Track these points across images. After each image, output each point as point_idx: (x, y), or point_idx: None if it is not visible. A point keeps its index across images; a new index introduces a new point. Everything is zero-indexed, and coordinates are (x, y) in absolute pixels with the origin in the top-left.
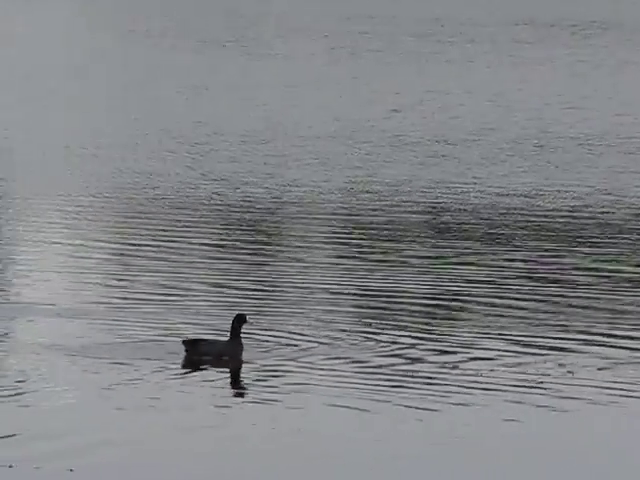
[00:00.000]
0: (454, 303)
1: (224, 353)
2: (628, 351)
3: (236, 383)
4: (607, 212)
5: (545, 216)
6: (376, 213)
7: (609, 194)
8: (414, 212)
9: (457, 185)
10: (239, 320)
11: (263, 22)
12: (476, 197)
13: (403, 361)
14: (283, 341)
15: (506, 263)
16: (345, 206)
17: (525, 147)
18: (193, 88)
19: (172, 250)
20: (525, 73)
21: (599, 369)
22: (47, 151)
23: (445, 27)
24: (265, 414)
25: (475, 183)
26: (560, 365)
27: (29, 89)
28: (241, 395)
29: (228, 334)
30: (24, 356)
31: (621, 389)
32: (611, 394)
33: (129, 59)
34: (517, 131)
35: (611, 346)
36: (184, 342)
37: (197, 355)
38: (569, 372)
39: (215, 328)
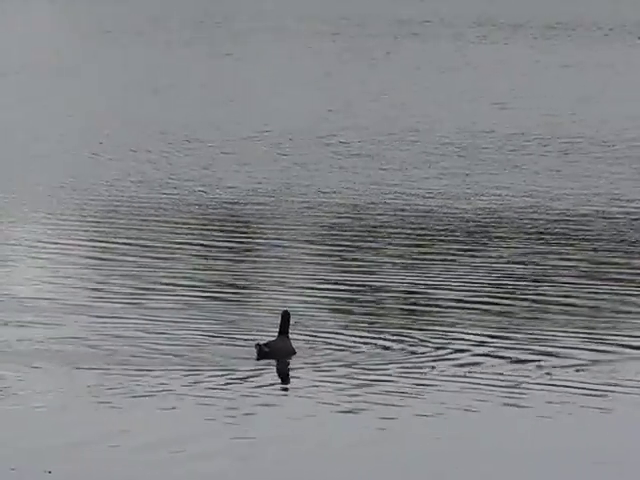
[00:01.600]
0: (429, 302)
1: (290, 351)
2: (605, 352)
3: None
4: (535, 212)
5: (475, 217)
6: (301, 215)
7: (529, 196)
8: (337, 213)
9: (379, 186)
10: (288, 316)
11: (227, 22)
12: (397, 198)
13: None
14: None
15: (468, 262)
16: (268, 208)
17: (451, 148)
18: (149, 87)
19: (145, 250)
20: (480, 74)
21: (577, 370)
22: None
23: (408, 27)
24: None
25: (397, 184)
26: (538, 366)
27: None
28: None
29: (277, 332)
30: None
31: (598, 390)
32: (588, 395)
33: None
34: (451, 132)
35: (588, 347)
36: (257, 345)
37: (268, 357)
38: (547, 374)
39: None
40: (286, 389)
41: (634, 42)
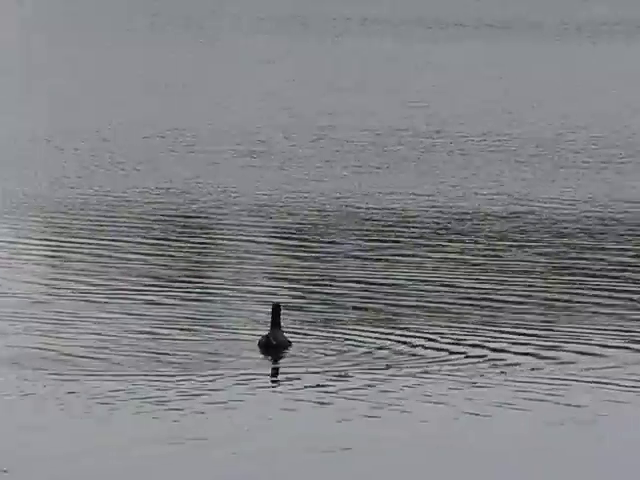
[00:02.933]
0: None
1: (288, 343)
2: (561, 351)
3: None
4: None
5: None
6: (199, 215)
7: (437, 195)
8: (245, 211)
9: (289, 185)
10: (279, 309)
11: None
12: (292, 198)
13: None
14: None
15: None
16: (167, 207)
17: (366, 147)
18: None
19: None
20: (409, 72)
21: (532, 369)
22: None
23: (365, 26)
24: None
25: (290, 183)
26: (493, 365)
27: None
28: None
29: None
30: None
31: (552, 389)
32: (543, 394)
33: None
34: (368, 130)
35: (544, 346)
36: (266, 337)
37: (273, 348)
38: (502, 372)
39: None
40: (277, 382)
41: (581, 42)
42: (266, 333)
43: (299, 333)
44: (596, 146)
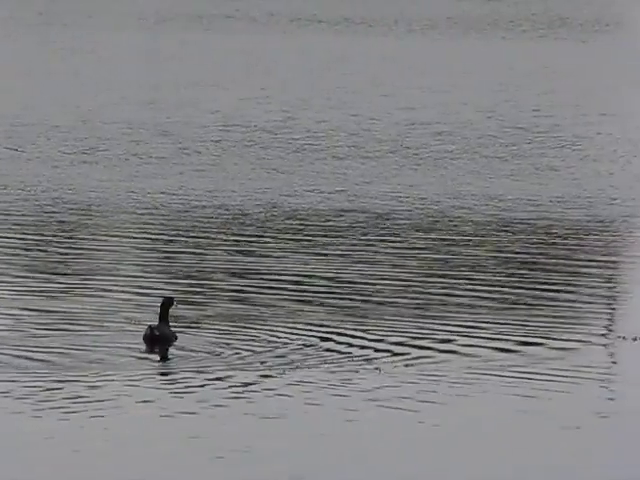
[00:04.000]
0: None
1: (174, 337)
2: (433, 350)
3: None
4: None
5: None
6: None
7: (272, 191)
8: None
9: (132, 183)
10: (168, 304)
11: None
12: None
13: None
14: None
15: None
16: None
17: (208, 143)
18: None
19: None
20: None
21: (406, 365)
22: None
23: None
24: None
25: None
26: (367, 361)
27: None
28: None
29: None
30: None
31: (424, 386)
32: (415, 392)
33: None
34: (211, 126)
35: (417, 343)
36: (150, 328)
37: (156, 340)
38: (376, 369)
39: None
40: (156, 377)
41: (434, 38)
42: (150, 325)
43: (189, 327)
44: (436, 142)
